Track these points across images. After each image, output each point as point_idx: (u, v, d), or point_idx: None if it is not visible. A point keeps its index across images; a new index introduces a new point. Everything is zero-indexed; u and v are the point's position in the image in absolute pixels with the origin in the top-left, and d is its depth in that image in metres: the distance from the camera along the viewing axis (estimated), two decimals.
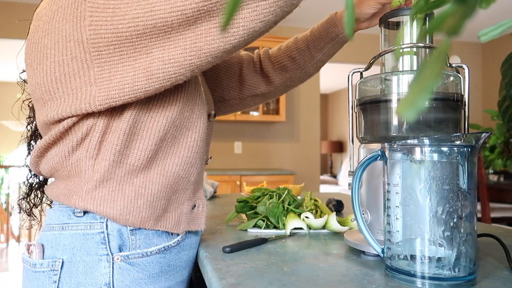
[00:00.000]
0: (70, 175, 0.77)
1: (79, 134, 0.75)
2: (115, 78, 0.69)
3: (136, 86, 0.69)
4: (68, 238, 0.75)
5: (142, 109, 0.76)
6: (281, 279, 0.66)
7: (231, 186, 4.10)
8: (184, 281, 0.87)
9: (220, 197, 1.82)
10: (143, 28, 0.66)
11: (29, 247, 0.78)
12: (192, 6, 0.64)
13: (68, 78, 0.71)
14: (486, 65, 5.49)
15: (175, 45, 0.67)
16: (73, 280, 0.73)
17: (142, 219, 0.76)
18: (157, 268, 0.79)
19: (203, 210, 0.89)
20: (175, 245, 0.82)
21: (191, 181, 0.84)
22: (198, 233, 0.90)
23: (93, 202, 0.74)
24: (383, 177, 0.70)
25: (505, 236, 1.00)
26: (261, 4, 0.64)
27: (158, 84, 0.69)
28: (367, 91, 0.83)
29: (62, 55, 0.70)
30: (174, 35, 0.66)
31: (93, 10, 0.67)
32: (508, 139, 3.73)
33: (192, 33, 0.66)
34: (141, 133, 0.76)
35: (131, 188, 0.76)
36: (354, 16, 0.28)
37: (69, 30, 0.69)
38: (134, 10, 0.65)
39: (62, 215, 0.77)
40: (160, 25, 0.65)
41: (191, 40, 0.66)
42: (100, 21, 0.67)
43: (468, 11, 0.21)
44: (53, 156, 0.78)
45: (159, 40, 0.67)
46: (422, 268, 0.62)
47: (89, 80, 0.70)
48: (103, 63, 0.69)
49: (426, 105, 0.76)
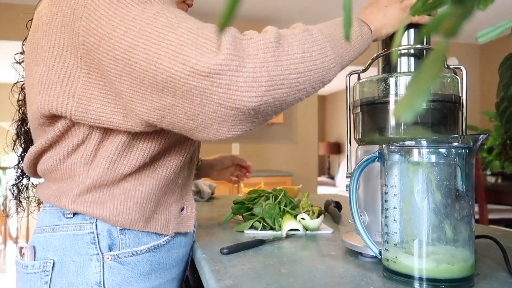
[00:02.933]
0: (63, 178, 0.77)
1: (75, 140, 0.74)
2: (95, 103, 0.68)
3: (112, 120, 0.68)
4: (59, 239, 0.76)
5: None
6: (278, 281, 0.66)
7: (228, 188, 4.09)
8: (174, 279, 0.87)
9: (217, 199, 1.82)
10: (120, 70, 0.62)
11: (21, 249, 0.79)
12: (163, 77, 0.59)
13: (51, 84, 0.70)
14: (484, 66, 5.51)
15: (141, 103, 0.63)
16: (64, 280, 0.74)
17: (131, 220, 0.77)
18: (147, 266, 0.80)
19: (192, 212, 0.89)
20: (164, 244, 0.83)
21: (179, 183, 0.86)
22: (188, 232, 0.91)
23: (83, 205, 0.74)
24: (381, 179, 0.70)
25: (502, 238, 1.00)
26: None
27: (131, 127, 0.68)
28: (365, 93, 0.83)
29: (54, 61, 0.69)
30: (143, 93, 0.62)
31: (86, 30, 0.64)
32: (506, 141, 3.74)
33: (158, 101, 0.62)
34: (139, 144, 0.75)
35: (120, 190, 0.76)
36: (351, 17, 0.28)
37: (67, 41, 0.67)
38: (116, 50, 0.61)
39: (53, 217, 0.78)
40: (135, 75, 0.61)
41: (156, 107, 0.63)
42: (89, 44, 0.64)
43: (466, 13, 0.21)
44: (48, 158, 0.78)
45: (131, 88, 0.62)
46: (420, 269, 0.62)
47: (69, 93, 0.68)
48: (89, 83, 0.67)
49: (423, 106, 0.76)
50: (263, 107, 0.59)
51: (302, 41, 0.63)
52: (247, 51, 0.58)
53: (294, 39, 0.63)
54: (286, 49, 0.61)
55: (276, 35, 0.61)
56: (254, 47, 0.59)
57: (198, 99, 0.58)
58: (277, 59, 0.59)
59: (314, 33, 0.66)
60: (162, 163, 0.80)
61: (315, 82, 0.65)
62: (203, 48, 0.57)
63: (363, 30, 0.75)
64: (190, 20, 0.61)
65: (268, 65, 0.58)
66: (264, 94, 0.58)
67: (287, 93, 0.61)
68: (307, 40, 0.64)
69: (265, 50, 0.59)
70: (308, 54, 0.63)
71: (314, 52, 0.64)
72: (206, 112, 0.59)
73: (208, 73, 0.56)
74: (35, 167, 0.84)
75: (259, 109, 0.59)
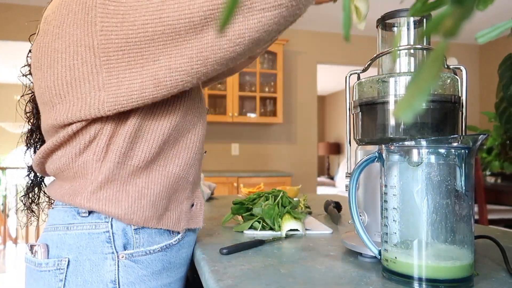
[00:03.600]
0: (76, 176, 0.78)
1: (87, 137, 0.76)
2: (123, 84, 0.70)
3: (144, 93, 0.70)
4: (74, 237, 0.77)
5: (147, 113, 0.77)
6: (278, 281, 0.66)
7: (228, 188, 4.10)
8: (182, 278, 0.89)
9: (217, 199, 1.82)
10: (151, 34, 0.66)
11: (33, 247, 0.79)
12: (200, 14, 0.64)
13: (78, 83, 0.72)
14: (484, 66, 5.51)
15: (181, 54, 0.67)
16: (79, 278, 0.75)
17: (145, 218, 0.78)
18: (159, 265, 0.81)
19: (201, 208, 0.91)
20: (175, 243, 0.85)
21: (190, 180, 0.87)
22: (196, 231, 0.93)
23: (99, 203, 0.75)
24: (380, 179, 0.70)
25: (502, 238, 1.00)
26: (266, 15, 0.64)
27: (165, 91, 0.70)
28: (365, 93, 0.83)
29: (73, 60, 0.71)
30: (181, 43, 0.67)
31: (104, 15, 0.67)
32: (505, 141, 3.75)
33: (199, 42, 0.66)
34: (145, 135, 0.78)
35: (134, 188, 0.78)
36: (351, 18, 0.28)
37: (80, 35, 0.70)
38: (143, 16, 0.66)
39: (67, 216, 0.79)
40: (168, 31, 0.66)
41: (197, 49, 0.67)
42: (110, 27, 0.67)
43: (466, 13, 0.21)
44: (60, 157, 0.79)
45: (166, 47, 0.67)
46: (419, 270, 0.62)
47: (98, 85, 0.71)
48: (111, 69, 0.70)
49: (423, 106, 0.76)
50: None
51: None
52: None
53: None
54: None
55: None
56: None
57: (240, 16, 0.64)
58: None
59: None
60: (172, 161, 0.82)
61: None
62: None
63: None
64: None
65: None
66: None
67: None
68: None
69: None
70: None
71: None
72: (251, 26, 0.65)
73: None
74: (43, 165, 0.85)
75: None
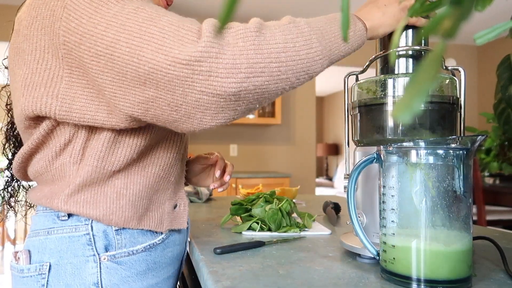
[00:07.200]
0: (54, 179, 0.78)
1: (62, 140, 0.74)
2: (79, 102, 0.68)
3: (96, 118, 0.69)
4: (54, 241, 0.76)
5: None
6: (276, 282, 0.66)
7: (227, 189, 4.09)
8: (170, 277, 0.88)
9: (215, 200, 1.82)
10: (103, 66, 0.62)
11: (16, 254, 0.79)
12: (145, 68, 0.59)
13: (34, 87, 0.70)
14: (482, 67, 5.52)
15: (124, 97, 0.64)
16: (61, 282, 0.74)
17: (125, 218, 0.77)
18: (143, 265, 0.80)
19: (185, 209, 0.90)
20: (160, 243, 0.84)
21: (171, 181, 0.86)
22: (182, 230, 0.92)
23: (76, 205, 0.75)
24: (379, 180, 0.70)
25: (500, 239, 1.00)
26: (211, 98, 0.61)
27: (115, 123, 0.69)
28: (363, 94, 0.83)
29: (37, 63, 0.69)
30: (126, 87, 0.63)
31: (66, 30, 0.65)
32: (504, 142, 3.75)
33: (141, 94, 0.62)
34: (126, 140, 0.76)
35: (112, 189, 0.77)
36: (349, 18, 0.28)
37: (48, 42, 0.67)
38: (98, 47, 0.62)
39: (47, 220, 0.78)
40: (117, 70, 0.61)
41: (139, 100, 0.63)
42: (71, 43, 0.65)
43: (464, 14, 0.21)
44: (38, 160, 0.78)
45: (113, 85, 0.63)
46: (418, 270, 0.62)
47: (53, 93, 0.69)
48: (72, 82, 0.68)
49: (421, 107, 0.76)
50: (244, 93, 0.60)
51: (286, 32, 0.64)
52: (227, 40, 0.60)
53: (277, 30, 0.64)
54: (267, 38, 0.62)
55: (257, 25, 0.62)
56: (234, 36, 0.60)
57: (180, 88, 0.59)
58: (257, 48, 0.60)
59: (300, 25, 0.66)
60: (151, 161, 0.81)
61: (299, 73, 0.65)
62: (185, 38, 0.59)
63: (357, 26, 0.75)
64: (171, 14, 0.63)
65: (248, 53, 0.59)
66: (244, 81, 0.59)
67: (268, 82, 0.62)
68: (291, 31, 0.65)
69: (244, 39, 0.60)
70: (291, 44, 0.64)
71: (298, 43, 0.64)
72: (189, 102, 0.60)
73: (189, 61, 0.57)
74: (24, 170, 0.84)
75: (240, 95, 0.60)
